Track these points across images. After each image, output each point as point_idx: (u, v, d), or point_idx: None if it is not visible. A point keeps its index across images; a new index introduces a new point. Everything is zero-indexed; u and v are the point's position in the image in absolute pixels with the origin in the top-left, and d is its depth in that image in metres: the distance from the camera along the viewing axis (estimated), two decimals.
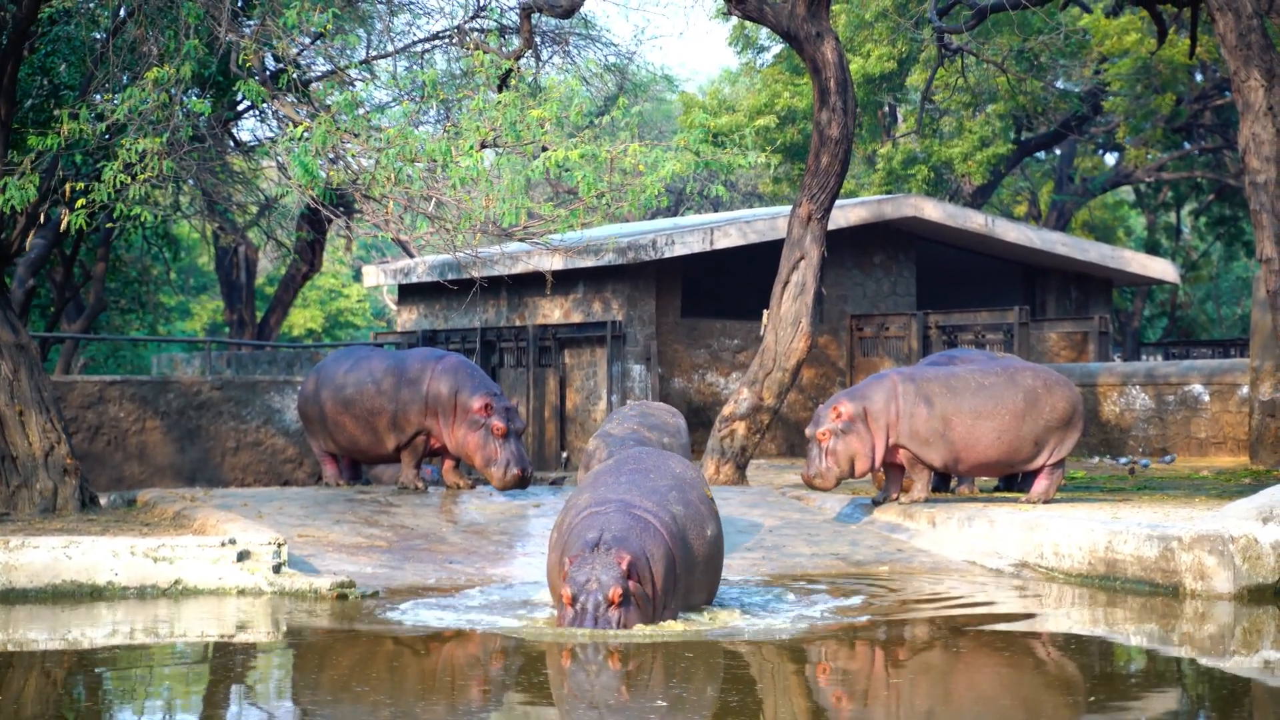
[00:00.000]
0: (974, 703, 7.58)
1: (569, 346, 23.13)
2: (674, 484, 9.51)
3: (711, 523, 9.53)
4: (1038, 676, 8.14)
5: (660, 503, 9.22)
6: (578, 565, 8.67)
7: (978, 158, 34.00)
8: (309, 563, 11.10)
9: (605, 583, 8.57)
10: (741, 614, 9.50)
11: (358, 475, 15.42)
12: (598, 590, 8.55)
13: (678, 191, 39.11)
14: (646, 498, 9.23)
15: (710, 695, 7.41)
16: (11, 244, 13.13)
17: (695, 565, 9.25)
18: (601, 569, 8.60)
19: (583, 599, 8.57)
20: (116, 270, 33.11)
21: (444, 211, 13.38)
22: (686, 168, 12.77)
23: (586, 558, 8.68)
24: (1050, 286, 26.76)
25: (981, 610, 10.19)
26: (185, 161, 12.57)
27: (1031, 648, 8.89)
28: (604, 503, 9.19)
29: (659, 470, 9.65)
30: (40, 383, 13.25)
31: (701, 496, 9.64)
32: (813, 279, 16.11)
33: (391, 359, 14.73)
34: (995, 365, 13.59)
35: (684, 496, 9.43)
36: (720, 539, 9.62)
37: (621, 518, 8.95)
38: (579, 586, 8.60)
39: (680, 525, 9.17)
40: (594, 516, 9.02)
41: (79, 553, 10.42)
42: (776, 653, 8.57)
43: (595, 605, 8.54)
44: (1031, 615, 10.10)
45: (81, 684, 7.81)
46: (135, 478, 17.75)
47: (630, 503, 9.14)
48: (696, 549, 9.27)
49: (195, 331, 51.74)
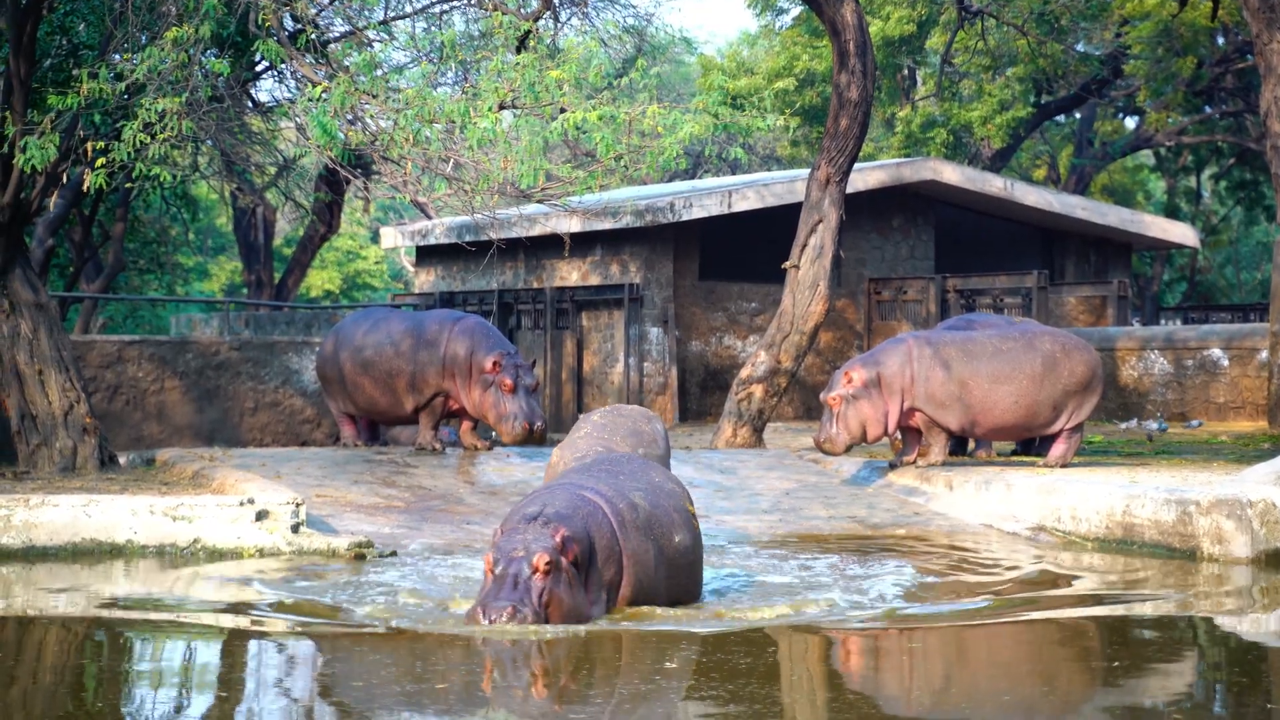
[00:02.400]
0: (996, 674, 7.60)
1: (586, 309, 23.13)
2: (644, 486, 8.64)
3: (682, 533, 8.55)
4: (1058, 637, 8.15)
5: (618, 491, 8.40)
6: (508, 535, 7.83)
7: (997, 121, 33.87)
8: (327, 523, 11.14)
9: (533, 549, 7.66)
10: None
11: (376, 436, 15.46)
12: (523, 558, 7.66)
13: (696, 154, 38.98)
14: (603, 483, 8.45)
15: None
16: (31, 203, 13.16)
17: (651, 568, 8.28)
18: (533, 538, 7.72)
19: (504, 565, 7.71)
20: (135, 230, 33.15)
21: (462, 173, 13.37)
22: (705, 130, 12.72)
23: (520, 528, 7.83)
24: (1069, 251, 26.70)
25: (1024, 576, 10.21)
26: (204, 122, 12.56)
27: (1057, 609, 8.90)
28: (552, 485, 8.51)
29: (632, 475, 8.80)
30: (60, 342, 13.30)
31: (678, 506, 8.70)
32: (831, 242, 16.09)
33: (410, 320, 14.74)
34: (1013, 329, 13.57)
35: (652, 499, 8.53)
36: (694, 552, 8.66)
37: (568, 497, 8.14)
38: (504, 553, 7.73)
39: (640, 519, 8.29)
40: (538, 495, 8.24)
41: (98, 511, 10.47)
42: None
43: (518, 573, 7.65)
44: (1047, 571, 10.11)
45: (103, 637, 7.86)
46: (154, 437, 17.80)
47: (581, 485, 8.38)
48: (659, 551, 8.34)
49: (213, 292, 51.83)
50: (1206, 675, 7.25)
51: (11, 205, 12.86)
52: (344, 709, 6.40)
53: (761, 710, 6.29)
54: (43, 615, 8.46)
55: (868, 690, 6.94)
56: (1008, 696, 6.77)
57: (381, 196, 17.10)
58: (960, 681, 7.16)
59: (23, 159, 11.83)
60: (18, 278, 13.17)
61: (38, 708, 6.43)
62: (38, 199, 13.17)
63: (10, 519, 10.33)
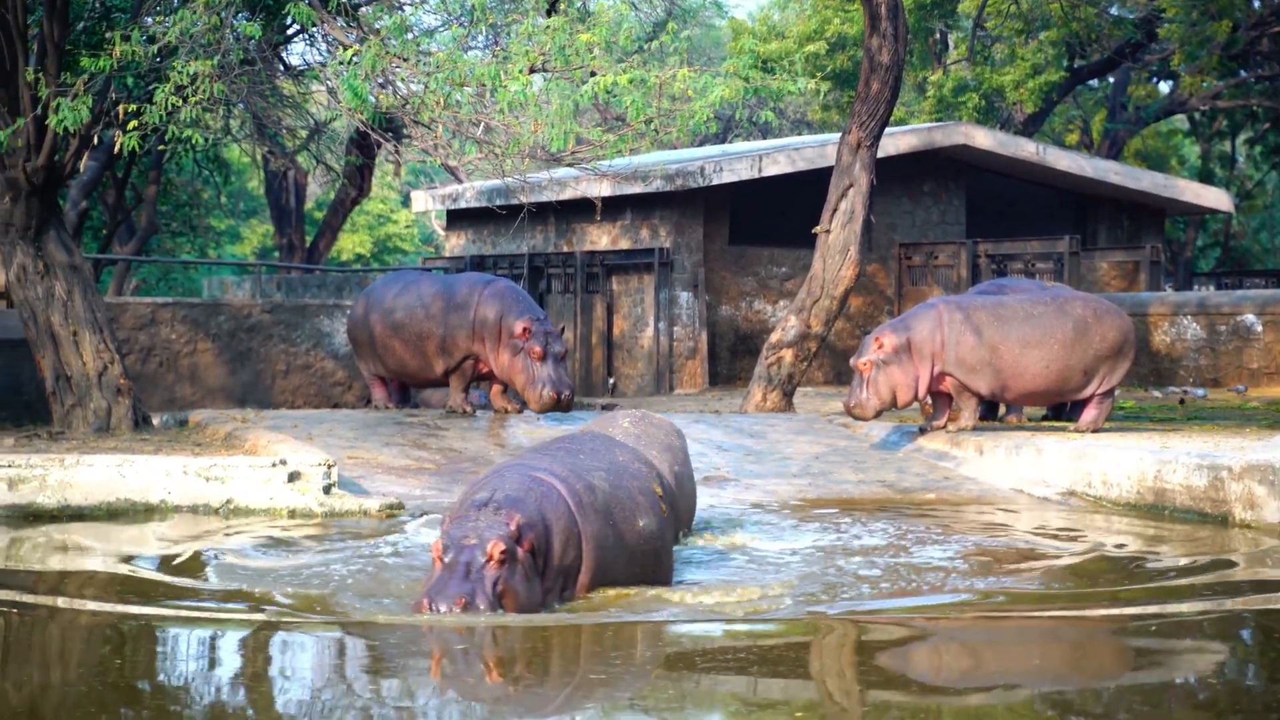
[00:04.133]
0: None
1: (616, 273, 23.13)
2: (605, 466, 8.05)
3: (647, 517, 7.96)
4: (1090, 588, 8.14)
5: (574, 471, 7.77)
6: (458, 522, 7.17)
7: (1029, 85, 33.67)
8: (358, 484, 11.20)
9: (486, 537, 7.02)
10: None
11: (406, 399, 15.53)
12: (476, 546, 7.01)
13: (726, 118, 38.93)
14: (558, 463, 7.83)
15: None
16: (65, 166, 13.21)
17: (612, 553, 7.68)
18: (485, 525, 7.07)
19: (454, 553, 7.04)
20: (168, 193, 33.26)
21: (493, 136, 13.38)
22: (735, 94, 12.69)
23: (470, 515, 7.18)
24: (1102, 216, 26.58)
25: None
26: (236, 85, 12.59)
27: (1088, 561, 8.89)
28: (503, 467, 7.89)
29: (593, 453, 8.23)
30: (94, 303, 13.37)
31: (643, 489, 8.09)
32: (861, 207, 16.05)
33: (440, 283, 14.78)
34: (1045, 294, 13.53)
35: (614, 479, 7.94)
36: (660, 538, 8.05)
37: (520, 479, 7.50)
38: (454, 541, 7.07)
39: (598, 501, 7.68)
40: (489, 479, 7.60)
41: (133, 471, 10.55)
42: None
43: (469, 562, 7.01)
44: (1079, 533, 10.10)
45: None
46: (187, 399, 17.90)
47: (535, 465, 7.75)
48: (619, 535, 7.75)
49: (245, 255, 51.96)
50: None
51: (45, 167, 12.92)
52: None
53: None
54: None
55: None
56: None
57: (412, 160, 17.08)
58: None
59: (56, 121, 11.88)
60: (52, 239, 13.24)
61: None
62: (71, 161, 13.23)
63: (46, 479, 10.42)
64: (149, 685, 6.17)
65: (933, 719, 5.73)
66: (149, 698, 5.98)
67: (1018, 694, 6.14)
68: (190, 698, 5.99)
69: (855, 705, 6.01)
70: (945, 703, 5.98)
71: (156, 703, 5.91)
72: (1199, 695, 6.14)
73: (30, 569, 8.65)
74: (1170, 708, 5.92)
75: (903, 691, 6.19)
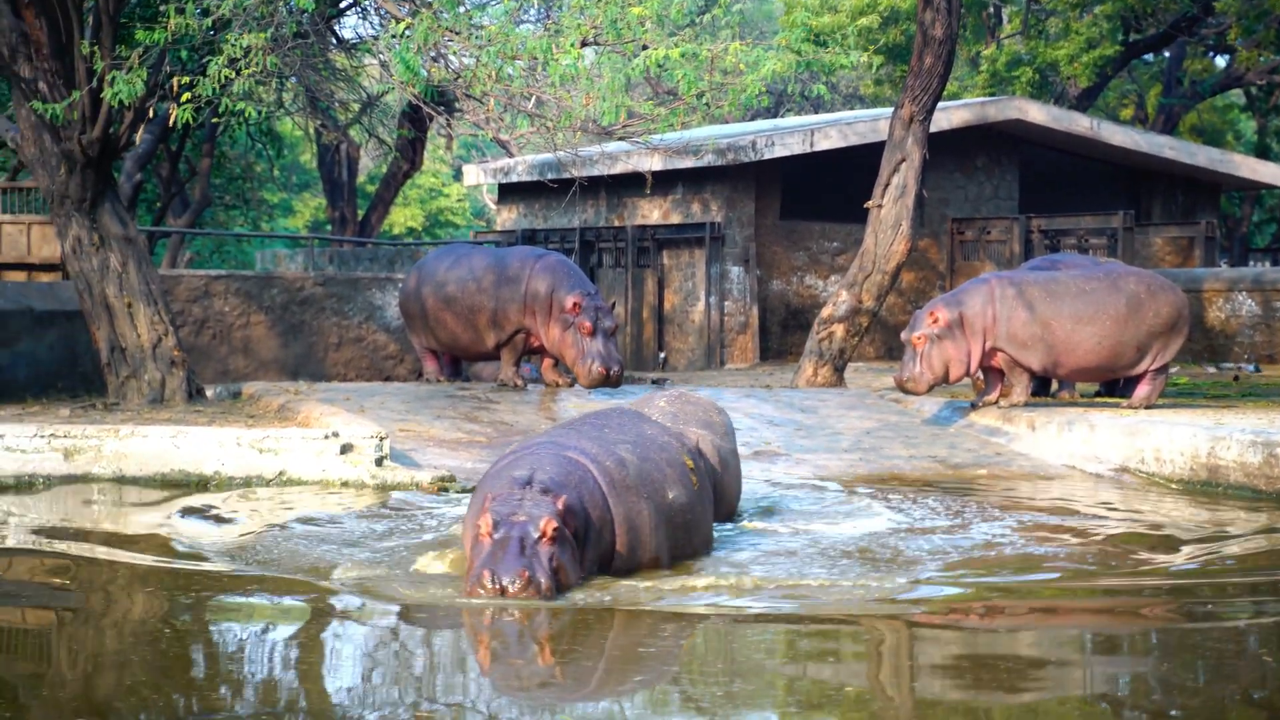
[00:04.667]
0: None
1: (667, 247, 23.12)
2: (632, 440, 7.93)
3: (677, 489, 7.83)
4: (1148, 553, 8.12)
5: (603, 449, 7.67)
6: (502, 500, 7.05)
7: (1084, 60, 33.39)
8: (410, 457, 11.24)
9: (536, 514, 6.92)
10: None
11: (458, 372, 15.58)
12: (528, 522, 6.91)
13: (778, 92, 38.76)
14: (586, 440, 7.73)
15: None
16: (119, 138, 13.29)
17: (643, 530, 7.56)
18: (531, 504, 6.98)
19: (505, 530, 6.92)
20: (221, 166, 33.44)
21: (544, 110, 13.39)
22: (787, 68, 12.66)
23: (514, 494, 7.07)
24: (1156, 191, 26.38)
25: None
26: (288, 58, 12.62)
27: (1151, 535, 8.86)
28: (532, 444, 7.77)
29: (619, 428, 8.10)
30: (148, 276, 13.46)
31: (672, 460, 7.96)
32: (914, 181, 15.98)
33: (492, 257, 14.82)
34: (1098, 270, 13.46)
35: (642, 453, 7.81)
36: (690, 511, 7.91)
37: (556, 459, 7.40)
38: (502, 517, 6.95)
39: (629, 478, 7.57)
40: (522, 457, 7.48)
41: (187, 443, 10.63)
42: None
43: (522, 538, 6.88)
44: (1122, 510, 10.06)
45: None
46: (240, 371, 18.00)
47: (564, 444, 7.63)
48: (648, 513, 7.59)
49: (298, 228, 52.18)
50: None
51: (100, 140, 13.01)
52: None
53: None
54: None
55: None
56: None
57: (464, 134, 17.10)
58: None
59: (111, 94, 11.95)
60: (107, 211, 13.33)
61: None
62: (125, 134, 13.31)
63: (101, 449, 10.52)
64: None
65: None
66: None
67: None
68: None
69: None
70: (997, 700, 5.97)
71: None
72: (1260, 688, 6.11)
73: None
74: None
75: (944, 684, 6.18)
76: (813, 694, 5.77)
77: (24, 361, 14.51)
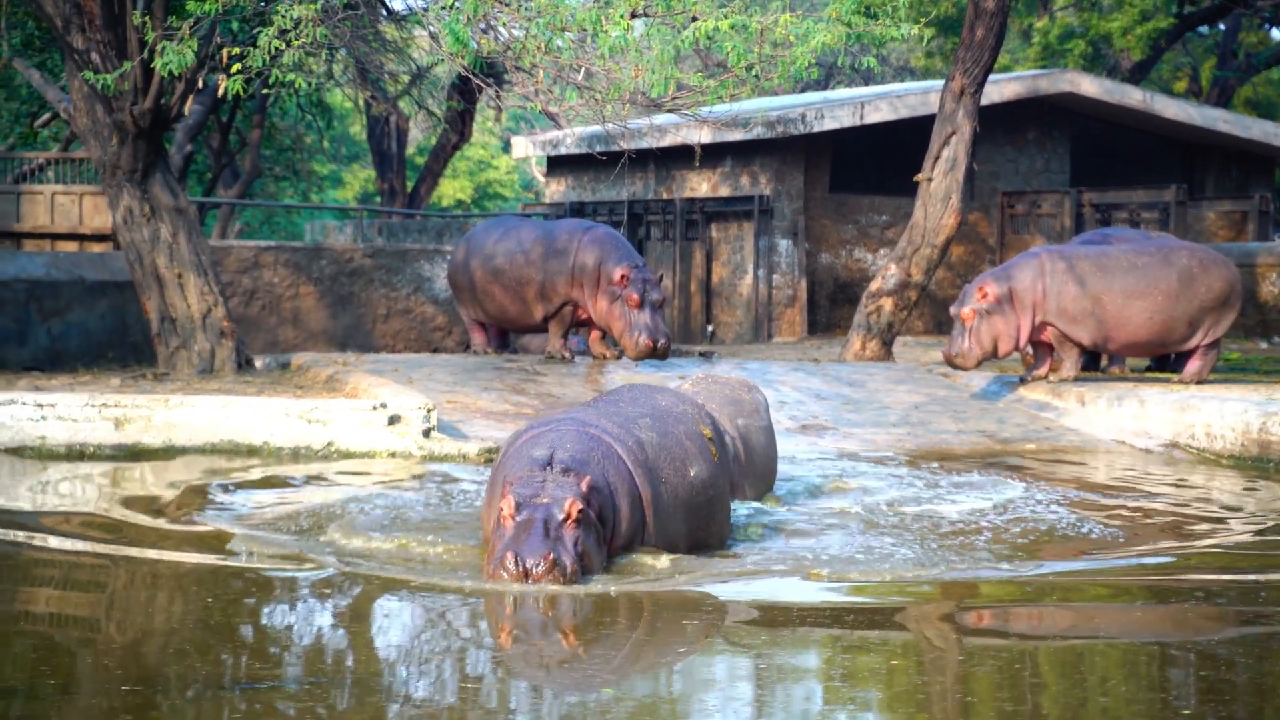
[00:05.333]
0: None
1: (716, 220, 23.08)
2: (649, 412, 7.61)
3: (698, 464, 7.49)
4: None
5: (624, 425, 7.35)
6: (524, 482, 6.77)
7: (1137, 32, 33.11)
8: (457, 428, 11.28)
9: (560, 496, 6.67)
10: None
11: (506, 344, 15.61)
12: (552, 504, 6.65)
13: (828, 65, 38.60)
14: (605, 417, 7.40)
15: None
16: (170, 109, 13.36)
17: (668, 511, 7.25)
18: (554, 485, 6.72)
19: (528, 512, 6.65)
20: (271, 138, 33.56)
21: (593, 82, 13.35)
22: (838, 40, 12.57)
23: (536, 475, 6.80)
24: (1210, 165, 26.13)
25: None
26: (338, 29, 12.64)
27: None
28: (551, 421, 7.46)
29: (633, 401, 7.80)
30: (198, 246, 13.54)
31: (691, 433, 7.64)
32: (964, 155, 15.90)
33: (540, 229, 14.82)
34: (1150, 244, 13.37)
35: (661, 426, 7.49)
36: (714, 487, 7.59)
37: (577, 437, 7.12)
38: (524, 499, 6.68)
39: (650, 456, 7.25)
40: (540, 435, 7.19)
41: (236, 413, 10.69)
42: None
43: (546, 520, 6.62)
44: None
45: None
46: (289, 342, 18.09)
47: (585, 421, 7.33)
48: (671, 489, 7.29)
49: (347, 200, 52.33)
50: None
51: (151, 111, 13.07)
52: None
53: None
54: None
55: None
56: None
57: (513, 106, 17.10)
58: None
59: (162, 64, 11.99)
60: (158, 182, 13.40)
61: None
62: (177, 105, 13.37)
63: (151, 419, 10.59)
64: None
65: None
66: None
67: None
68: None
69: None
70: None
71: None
72: None
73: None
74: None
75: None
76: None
77: (76, 331, 14.62)
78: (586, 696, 5.15)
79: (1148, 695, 5.32)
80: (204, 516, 8.31)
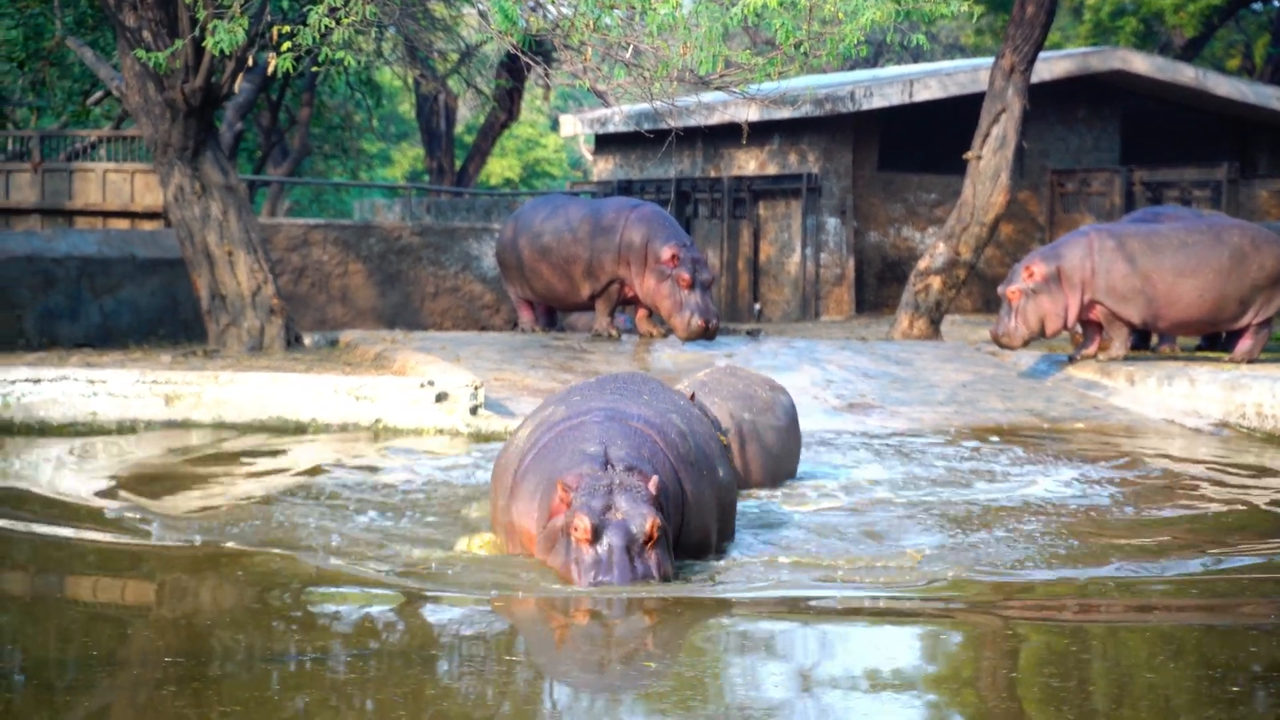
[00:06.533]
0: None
1: (763, 198, 23.04)
2: (675, 409, 7.19)
3: (724, 467, 7.21)
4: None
5: (661, 415, 6.95)
6: (588, 488, 6.24)
7: (1190, 9, 32.83)
8: (504, 405, 11.32)
9: (634, 513, 6.18)
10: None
11: (553, 322, 15.64)
12: (625, 521, 6.17)
13: (877, 42, 38.43)
14: (634, 406, 6.97)
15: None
16: (221, 87, 13.43)
17: (705, 510, 6.90)
18: (624, 496, 6.22)
19: (609, 536, 6.15)
20: (320, 116, 33.64)
21: (641, 60, 13.34)
22: (887, 17, 12.52)
23: (598, 477, 6.29)
24: (1262, 143, 25.90)
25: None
26: (388, 7, 12.67)
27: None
28: (587, 412, 6.87)
29: (654, 394, 7.33)
30: (248, 224, 13.61)
31: (710, 434, 7.32)
32: (1013, 132, 15.82)
33: (588, 207, 14.85)
34: (1201, 222, 13.28)
35: (688, 424, 7.10)
36: (734, 490, 7.37)
37: (623, 432, 6.63)
38: (593, 512, 6.18)
39: (691, 453, 6.90)
40: (582, 427, 6.69)
41: (284, 390, 10.77)
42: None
43: (628, 543, 6.16)
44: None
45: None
46: (338, 319, 18.17)
47: (625, 412, 6.84)
48: (709, 489, 6.95)
49: (396, 178, 52.46)
50: None
51: (202, 89, 13.14)
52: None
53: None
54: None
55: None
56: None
57: (561, 84, 17.10)
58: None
59: (212, 42, 12.04)
60: (208, 160, 13.48)
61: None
62: (227, 83, 13.44)
63: (201, 395, 10.67)
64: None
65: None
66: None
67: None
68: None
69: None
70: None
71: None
72: None
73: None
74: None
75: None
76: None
77: (127, 308, 14.73)
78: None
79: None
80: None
